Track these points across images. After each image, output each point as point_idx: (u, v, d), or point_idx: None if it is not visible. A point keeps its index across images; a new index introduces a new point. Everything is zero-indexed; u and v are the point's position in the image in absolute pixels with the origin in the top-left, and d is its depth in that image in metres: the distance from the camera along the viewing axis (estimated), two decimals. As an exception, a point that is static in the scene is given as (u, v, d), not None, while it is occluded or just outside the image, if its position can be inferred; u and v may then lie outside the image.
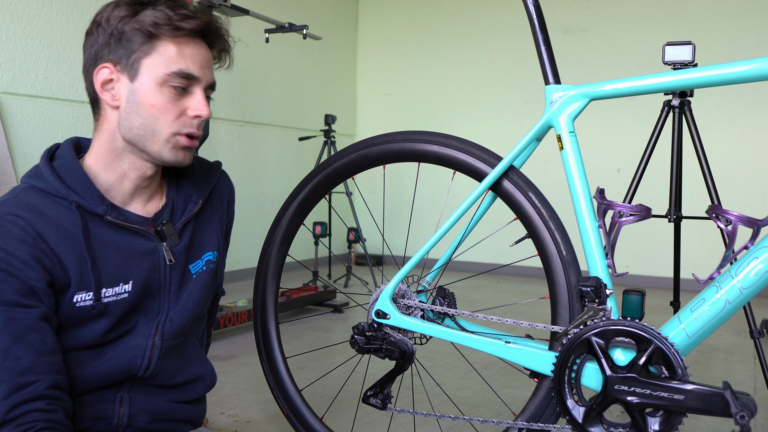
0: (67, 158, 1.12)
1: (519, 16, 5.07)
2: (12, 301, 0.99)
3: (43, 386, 0.98)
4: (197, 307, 1.22)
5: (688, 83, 1.20)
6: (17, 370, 0.97)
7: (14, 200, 1.06)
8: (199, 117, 1.11)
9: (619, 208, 1.25)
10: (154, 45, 1.07)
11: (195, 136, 1.13)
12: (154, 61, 1.07)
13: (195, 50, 1.10)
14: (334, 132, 4.43)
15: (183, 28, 1.08)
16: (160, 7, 1.08)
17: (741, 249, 1.17)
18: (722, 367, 2.66)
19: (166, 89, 1.08)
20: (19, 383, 0.97)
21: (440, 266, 1.54)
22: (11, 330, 0.98)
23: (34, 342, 0.99)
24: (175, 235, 1.18)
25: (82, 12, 3.37)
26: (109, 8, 1.10)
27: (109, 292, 1.10)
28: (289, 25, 3.51)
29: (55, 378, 1.01)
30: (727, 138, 4.44)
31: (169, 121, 1.09)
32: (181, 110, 1.10)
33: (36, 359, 0.99)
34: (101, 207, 1.10)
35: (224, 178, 1.33)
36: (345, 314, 3.54)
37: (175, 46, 1.08)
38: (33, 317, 1.00)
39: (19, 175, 3.05)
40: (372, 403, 1.43)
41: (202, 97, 1.12)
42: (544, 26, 1.33)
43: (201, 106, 1.11)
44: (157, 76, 1.07)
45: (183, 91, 1.10)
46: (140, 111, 1.09)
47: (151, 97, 1.08)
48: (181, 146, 1.12)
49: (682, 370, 1.14)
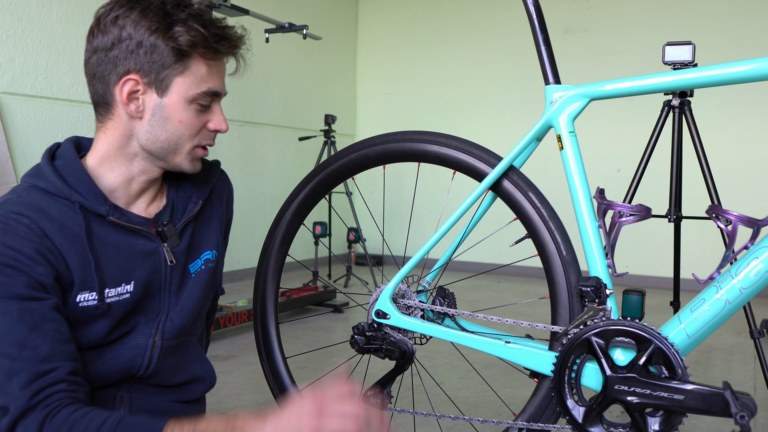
0: (69, 158, 1.11)
1: (519, 16, 5.07)
2: (23, 294, 0.99)
3: (63, 372, 0.99)
4: (197, 307, 1.22)
5: (688, 83, 1.20)
6: (37, 359, 0.97)
7: (17, 199, 1.06)
8: (218, 131, 1.16)
9: (619, 208, 1.25)
10: (188, 64, 1.08)
11: (210, 146, 1.18)
12: (186, 79, 1.08)
13: (221, 67, 1.14)
14: (334, 132, 4.43)
15: (219, 51, 1.11)
16: (190, 22, 1.07)
17: (741, 249, 1.17)
18: (722, 367, 2.66)
19: (193, 106, 1.11)
20: (40, 371, 0.97)
21: (440, 266, 1.54)
22: (26, 321, 0.98)
23: (50, 331, 0.99)
24: (175, 236, 1.18)
25: (82, 12, 3.37)
26: (132, 13, 1.06)
27: (111, 293, 1.10)
28: (289, 25, 3.51)
29: (74, 365, 1.01)
30: (728, 138, 4.44)
31: (192, 136, 1.13)
32: (203, 124, 1.14)
33: (54, 347, 0.99)
34: (104, 207, 1.09)
35: (223, 177, 1.33)
36: (345, 314, 3.54)
37: (206, 66, 1.10)
38: (46, 308, 1.00)
39: (19, 175, 3.05)
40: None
41: (221, 111, 1.16)
42: (544, 26, 1.33)
43: (221, 121, 1.15)
44: (188, 94, 1.09)
45: (206, 106, 1.13)
46: (167, 126, 1.10)
47: (180, 113, 1.10)
48: (198, 157, 1.17)
49: (682, 370, 1.14)
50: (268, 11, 4.22)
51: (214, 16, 1.15)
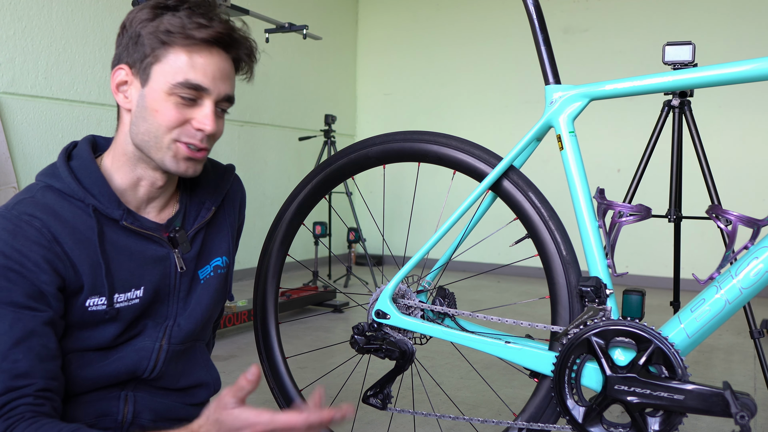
0: (85, 159, 1.10)
1: (519, 16, 5.06)
2: (20, 303, 0.98)
3: (34, 389, 0.98)
4: (206, 313, 1.21)
5: (688, 83, 1.20)
6: (12, 373, 0.97)
7: (31, 200, 1.05)
8: (201, 130, 1.07)
9: (619, 208, 1.25)
10: (166, 52, 1.04)
11: (199, 148, 1.09)
12: (163, 68, 1.04)
13: (208, 60, 1.06)
14: (334, 132, 4.43)
15: (194, 37, 1.03)
16: (180, 13, 1.04)
17: (741, 249, 1.17)
18: (722, 367, 2.66)
19: (173, 98, 1.05)
20: (12, 386, 0.96)
21: (440, 266, 1.54)
22: (15, 332, 0.97)
23: (35, 346, 0.99)
24: (187, 242, 1.17)
25: (82, 12, 3.37)
26: (135, 10, 1.08)
27: (121, 298, 1.09)
28: (289, 25, 3.51)
29: (49, 383, 1.00)
30: (728, 138, 4.44)
31: (169, 128, 1.06)
32: (185, 119, 1.06)
33: (34, 365, 0.98)
34: (117, 212, 1.09)
35: (237, 183, 1.31)
36: (345, 314, 3.54)
37: (186, 55, 1.04)
38: (39, 321, 0.99)
39: (19, 175, 3.05)
40: (372, 403, 1.43)
41: (210, 110, 1.07)
42: (544, 26, 1.33)
43: (206, 120, 1.06)
44: (165, 84, 1.04)
45: (192, 101, 1.06)
46: (146, 116, 1.06)
47: (158, 103, 1.05)
48: (183, 156, 1.08)
49: (682, 370, 1.14)
50: (268, 11, 4.22)
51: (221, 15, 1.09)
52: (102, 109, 3.52)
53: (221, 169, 1.28)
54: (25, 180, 3.07)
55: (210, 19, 1.06)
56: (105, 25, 3.45)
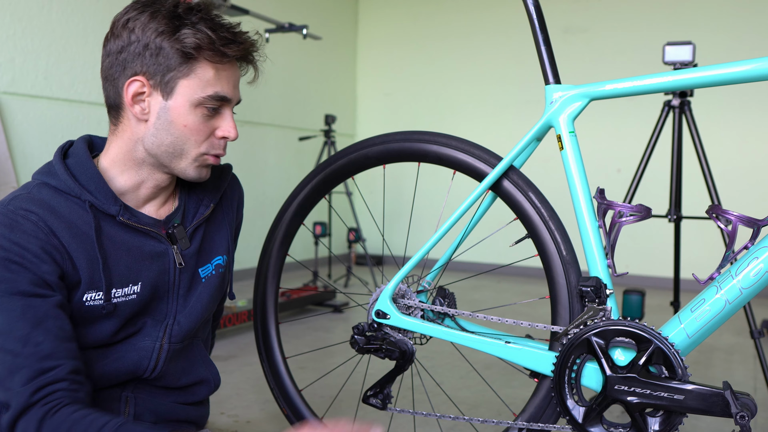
0: (81, 157, 1.11)
1: (519, 15, 5.06)
2: (28, 291, 0.99)
3: (65, 371, 0.99)
4: (205, 311, 1.22)
5: (688, 83, 1.20)
6: (38, 356, 0.97)
7: (27, 195, 1.05)
8: (226, 138, 1.13)
9: (619, 208, 1.25)
10: (193, 66, 1.06)
11: (220, 155, 1.15)
12: (191, 82, 1.07)
13: (231, 72, 1.11)
14: (334, 132, 4.43)
15: (227, 55, 1.08)
16: (200, 25, 1.06)
17: (741, 249, 1.17)
18: (722, 367, 2.66)
19: (200, 110, 1.09)
20: (41, 368, 0.97)
21: (440, 266, 1.54)
22: (29, 317, 0.98)
23: (52, 328, 0.99)
24: (185, 238, 1.18)
25: (82, 12, 3.37)
26: (142, 16, 1.06)
27: (118, 293, 1.10)
28: (289, 25, 3.51)
29: (76, 364, 1.01)
30: (728, 138, 4.44)
31: (198, 142, 1.11)
32: (211, 131, 1.12)
33: (56, 344, 0.99)
34: (114, 207, 1.09)
35: (234, 182, 1.33)
36: (345, 314, 3.54)
37: (213, 69, 1.08)
38: (50, 305, 1.00)
39: (19, 175, 3.05)
40: (372, 403, 1.43)
41: (231, 118, 1.13)
42: (544, 26, 1.33)
43: (230, 128, 1.13)
44: (192, 98, 1.07)
45: (214, 111, 1.11)
46: (172, 130, 1.08)
47: (185, 117, 1.08)
48: (206, 165, 1.14)
49: (682, 370, 1.14)
50: (268, 11, 4.22)
51: (227, 20, 1.12)
52: (102, 109, 3.50)
53: (219, 168, 1.30)
54: (24, 179, 3.07)
55: (233, 33, 1.09)
56: (105, 25, 3.43)
